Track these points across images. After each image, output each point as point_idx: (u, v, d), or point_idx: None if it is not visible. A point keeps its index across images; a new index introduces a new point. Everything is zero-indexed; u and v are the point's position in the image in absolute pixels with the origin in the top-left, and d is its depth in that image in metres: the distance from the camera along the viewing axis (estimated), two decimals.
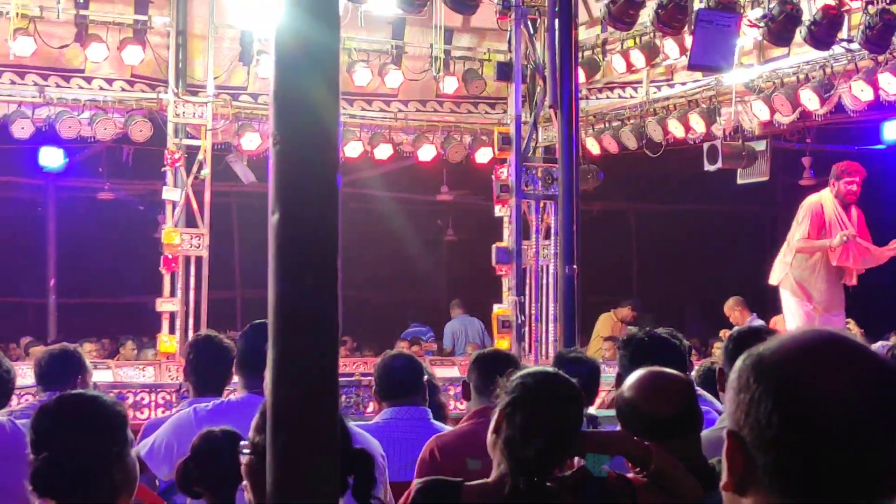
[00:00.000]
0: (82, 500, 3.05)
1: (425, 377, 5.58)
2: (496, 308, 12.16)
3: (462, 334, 17.12)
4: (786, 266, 10.97)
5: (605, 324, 15.72)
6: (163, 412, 8.51)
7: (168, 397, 8.73)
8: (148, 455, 4.83)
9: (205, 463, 3.74)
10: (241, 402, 4.88)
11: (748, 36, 11.48)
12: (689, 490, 3.28)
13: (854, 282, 10.84)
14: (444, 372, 10.77)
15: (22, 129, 12.34)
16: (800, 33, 10.79)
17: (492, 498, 3.27)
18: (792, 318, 10.89)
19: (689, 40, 11.21)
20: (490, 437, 3.35)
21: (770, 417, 1.49)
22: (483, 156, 14.23)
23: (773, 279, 11.10)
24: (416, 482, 3.47)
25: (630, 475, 3.43)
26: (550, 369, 3.53)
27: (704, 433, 3.64)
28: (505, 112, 14.06)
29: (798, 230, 10.81)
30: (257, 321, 5.21)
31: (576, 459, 3.45)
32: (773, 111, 12.30)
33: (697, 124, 13.14)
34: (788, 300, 10.98)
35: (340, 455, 2.82)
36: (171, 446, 4.81)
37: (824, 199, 10.83)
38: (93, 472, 3.06)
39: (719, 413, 4.96)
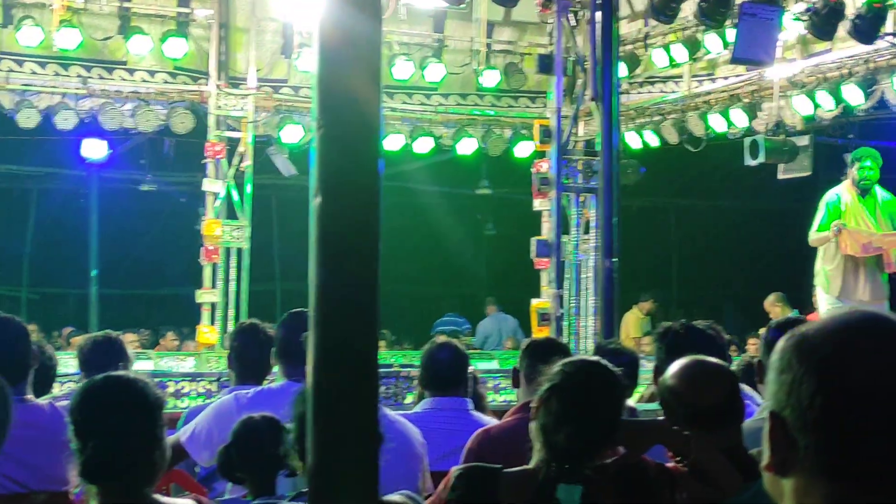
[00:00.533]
0: (127, 484, 3.08)
1: (470, 368, 5.60)
2: (535, 301, 12.15)
3: (495, 334, 17.12)
4: (818, 261, 10.94)
5: (634, 323, 15.70)
6: (203, 401, 8.56)
7: (209, 386, 8.78)
8: (189, 441, 4.86)
9: (246, 449, 3.77)
10: (282, 390, 4.90)
11: (791, 30, 11.40)
12: (728, 480, 3.27)
13: (891, 269, 10.73)
14: (484, 364, 10.77)
15: (65, 121, 12.44)
16: (843, 27, 10.71)
17: (529, 484, 3.27)
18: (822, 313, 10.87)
19: (731, 34, 11.15)
20: (531, 423, 3.36)
21: (812, 398, 1.48)
22: (523, 149, 14.21)
23: (815, 280, 11.12)
24: (455, 468, 3.48)
25: (669, 465, 3.42)
26: (594, 358, 3.52)
27: (745, 423, 3.62)
28: (545, 106, 14.03)
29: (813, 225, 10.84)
30: (295, 310, 5.23)
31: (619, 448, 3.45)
32: (815, 106, 12.22)
33: (739, 119, 13.06)
34: (820, 296, 10.93)
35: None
36: (211, 433, 4.84)
37: (842, 188, 10.81)
38: (138, 456, 3.08)
39: (758, 406, 4.93)
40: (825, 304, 10.81)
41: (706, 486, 3.29)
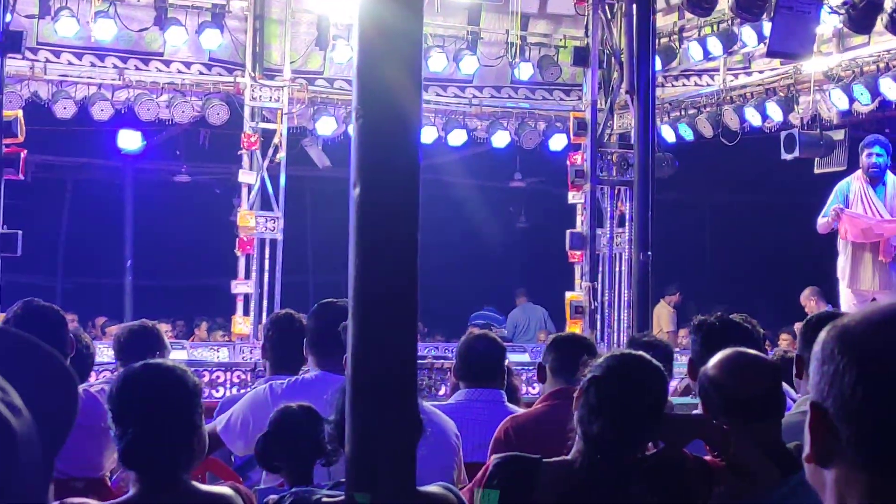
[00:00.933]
0: (165, 470, 3.10)
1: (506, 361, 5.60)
2: (569, 294, 12.15)
3: (524, 324, 17.12)
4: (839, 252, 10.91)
5: (664, 317, 15.69)
6: (237, 390, 8.61)
7: (243, 376, 8.83)
8: (224, 431, 4.88)
9: (283, 437, 3.79)
10: (316, 380, 4.91)
11: (828, 23, 11.34)
12: (766, 475, 3.26)
13: (885, 258, 10.63)
14: (516, 357, 10.77)
15: (101, 111, 12.52)
16: (881, 21, 10.64)
17: (568, 475, 3.28)
18: (841, 304, 10.80)
19: (767, 27, 11.09)
20: (575, 413, 3.37)
21: (854, 389, 1.48)
22: (557, 142, 14.20)
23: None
24: (494, 457, 3.49)
25: (708, 458, 3.41)
26: (637, 353, 3.51)
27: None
28: (579, 99, 14.01)
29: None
30: (325, 300, 5.25)
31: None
32: (851, 100, 12.15)
33: (775, 113, 12.99)
34: (843, 294, 10.88)
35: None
36: (246, 422, 4.85)
37: (853, 177, 10.72)
38: (177, 443, 3.11)
39: (794, 401, 4.91)
40: (845, 297, 10.75)
41: (743, 479, 3.28)
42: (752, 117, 13.17)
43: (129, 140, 14.00)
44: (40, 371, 1.17)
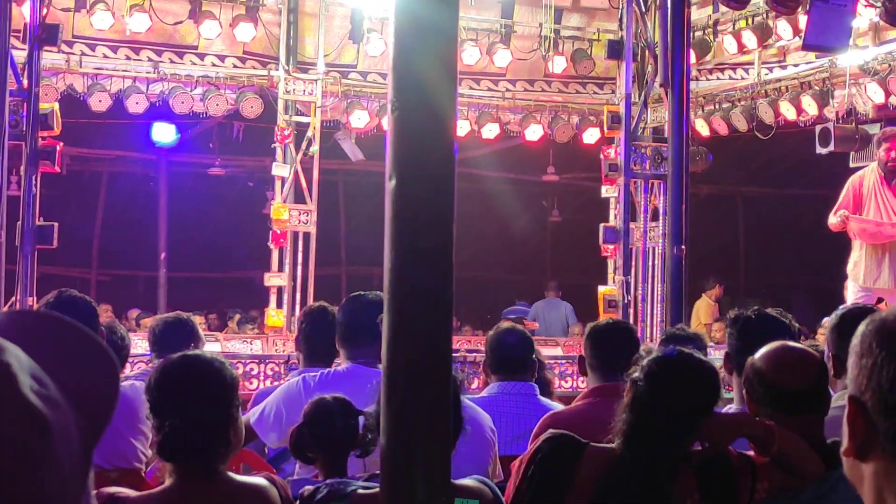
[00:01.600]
0: (202, 462, 3.12)
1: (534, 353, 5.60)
2: (602, 288, 12.13)
3: (540, 318, 17.10)
4: (853, 251, 10.78)
5: (706, 310, 15.65)
6: (271, 383, 8.64)
7: (277, 368, 8.85)
8: (257, 422, 4.91)
9: (318, 429, 3.80)
10: (349, 372, 4.93)
11: (864, 16, 11.26)
12: (811, 469, 3.25)
13: None
14: (548, 351, 10.76)
15: (136, 105, 12.58)
16: None
17: (607, 464, 3.28)
18: (848, 300, 10.65)
19: (802, 20, 11.03)
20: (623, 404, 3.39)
21: (892, 382, 1.48)
22: (590, 136, 14.17)
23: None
24: (546, 433, 3.51)
25: (751, 454, 3.41)
26: (687, 351, 3.51)
27: None
28: (613, 93, 13.98)
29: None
30: (355, 293, 5.26)
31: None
32: (887, 93, 12.07)
33: (810, 106, 12.92)
34: (848, 284, 10.76)
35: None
36: (280, 414, 4.88)
37: (867, 171, 10.57)
38: (214, 434, 3.12)
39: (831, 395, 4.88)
40: (851, 293, 10.64)
41: (789, 474, 3.27)
42: (787, 111, 13.11)
43: (164, 133, 14.08)
44: (80, 354, 1.16)
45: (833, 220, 10.54)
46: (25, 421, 1.00)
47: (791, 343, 3.64)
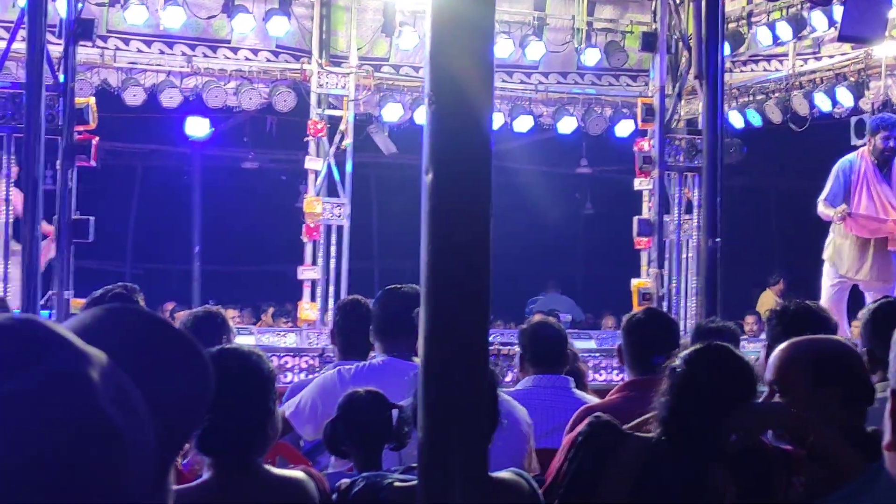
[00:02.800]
0: (240, 455, 3.13)
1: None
2: (635, 281, 12.10)
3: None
4: (830, 234, 10.62)
5: (768, 305, 15.63)
6: (306, 376, 8.65)
7: (311, 361, 8.87)
8: (293, 415, 4.92)
9: (352, 422, 3.81)
10: (384, 366, 4.94)
11: None
12: (848, 462, 3.23)
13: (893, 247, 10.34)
14: (581, 344, 10.74)
15: (170, 99, 12.64)
16: None
17: (644, 452, 3.29)
18: (825, 295, 10.50)
19: (837, 11, 10.96)
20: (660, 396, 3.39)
21: None
22: (623, 128, 14.12)
23: (824, 254, 10.78)
24: (590, 417, 3.52)
25: (786, 447, 3.40)
26: (724, 345, 3.50)
27: None
28: (646, 85, 13.93)
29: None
30: (390, 287, 5.27)
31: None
32: None
33: (845, 98, 12.84)
34: (827, 273, 10.62)
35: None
36: (315, 406, 4.89)
37: (855, 157, 10.39)
38: (253, 429, 3.13)
39: None
40: (830, 279, 10.53)
41: (825, 468, 3.26)
42: (822, 103, 13.03)
43: (197, 127, 14.11)
44: (173, 358, 1.15)
45: (828, 210, 10.39)
46: (97, 434, 1.00)
47: (832, 336, 3.63)
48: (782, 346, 3.59)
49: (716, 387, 3.29)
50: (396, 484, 3.15)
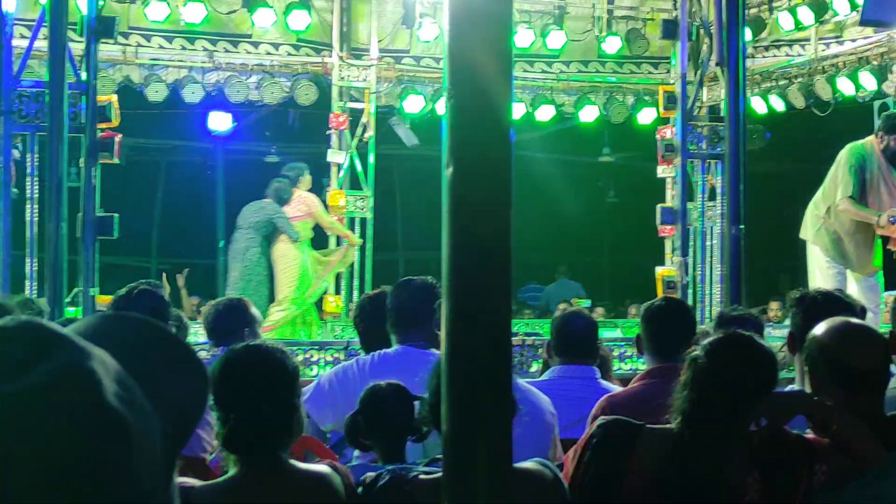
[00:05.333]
0: (267, 453, 3.14)
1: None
2: (659, 269, 12.08)
3: (553, 300, 17.11)
4: (819, 220, 10.20)
5: None
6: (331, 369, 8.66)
7: (336, 354, 8.87)
8: (309, 402, 4.93)
9: (373, 416, 3.82)
10: (398, 355, 4.96)
11: None
12: (871, 451, 3.22)
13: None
14: (607, 333, 10.73)
15: (192, 94, 12.68)
16: None
17: (664, 445, 3.27)
18: (821, 277, 10.15)
19: None
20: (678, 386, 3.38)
21: None
22: (645, 116, 14.11)
23: (805, 234, 10.51)
24: (599, 419, 3.51)
25: (810, 436, 3.38)
26: (746, 333, 3.48)
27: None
28: (668, 72, 13.90)
29: (840, 187, 9.88)
30: (404, 279, 5.29)
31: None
32: None
33: (868, 82, 12.77)
34: (819, 258, 10.31)
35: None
36: (334, 394, 4.93)
37: (867, 153, 9.89)
38: (278, 425, 3.14)
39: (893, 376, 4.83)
40: (818, 261, 10.33)
41: (848, 457, 3.24)
42: (845, 87, 12.97)
43: (220, 122, 14.16)
44: (171, 363, 1.17)
45: (863, 212, 9.82)
46: (105, 428, 1.01)
47: (855, 320, 3.60)
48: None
49: (739, 378, 3.27)
50: (421, 476, 3.16)
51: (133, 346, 1.13)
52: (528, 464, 3.29)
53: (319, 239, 13.26)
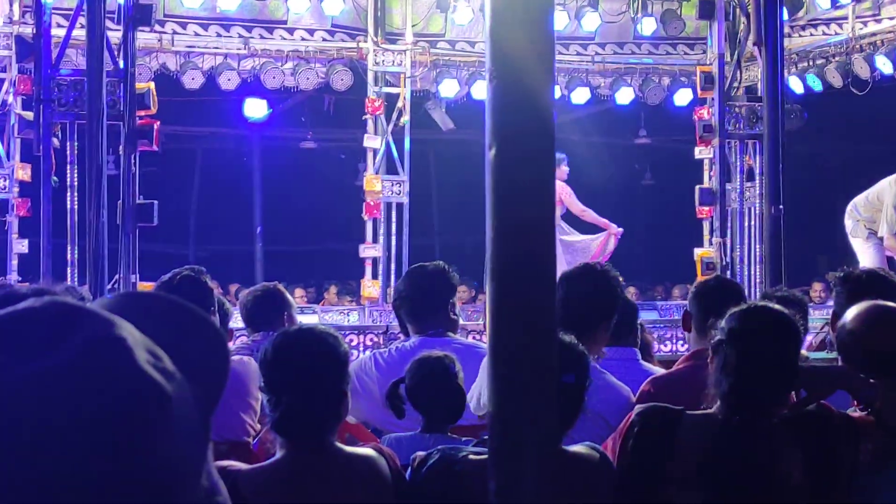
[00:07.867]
0: (316, 436, 3.15)
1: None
2: (698, 251, 12.03)
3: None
4: (859, 223, 10.36)
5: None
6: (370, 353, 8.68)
7: (376, 338, 8.91)
8: None
9: (419, 386, 3.88)
10: (415, 348, 4.85)
11: None
12: None
13: None
14: (645, 315, 10.69)
15: (228, 81, 12.73)
16: None
17: (707, 430, 3.26)
18: (865, 253, 10.23)
19: None
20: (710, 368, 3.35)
21: None
22: (682, 97, 14.04)
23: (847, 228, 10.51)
24: (637, 407, 3.49)
25: (853, 413, 3.35)
26: (771, 305, 3.45)
27: None
28: (704, 52, 13.83)
29: (886, 225, 10.00)
30: (415, 266, 5.27)
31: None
32: None
33: None
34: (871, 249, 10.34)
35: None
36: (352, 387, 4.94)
37: None
38: (328, 410, 3.15)
39: None
40: (865, 246, 10.28)
41: (892, 436, 3.22)
42: (883, 65, 12.86)
43: (256, 108, 14.21)
44: (191, 333, 1.18)
45: None
46: (144, 393, 1.02)
47: (883, 302, 3.56)
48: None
49: (764, 347, 3.23)
50: (472, 457, 3.17)
51: (151, 319, 1.14)
52: (577, 447, 3.29)
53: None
